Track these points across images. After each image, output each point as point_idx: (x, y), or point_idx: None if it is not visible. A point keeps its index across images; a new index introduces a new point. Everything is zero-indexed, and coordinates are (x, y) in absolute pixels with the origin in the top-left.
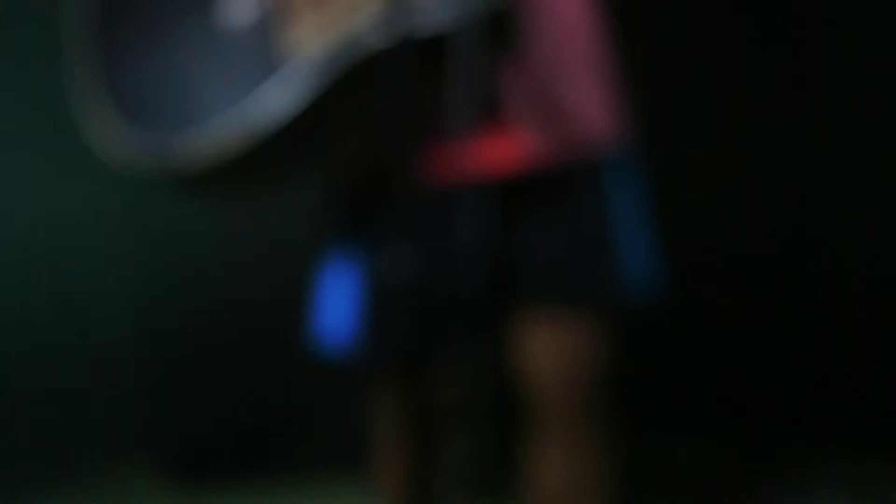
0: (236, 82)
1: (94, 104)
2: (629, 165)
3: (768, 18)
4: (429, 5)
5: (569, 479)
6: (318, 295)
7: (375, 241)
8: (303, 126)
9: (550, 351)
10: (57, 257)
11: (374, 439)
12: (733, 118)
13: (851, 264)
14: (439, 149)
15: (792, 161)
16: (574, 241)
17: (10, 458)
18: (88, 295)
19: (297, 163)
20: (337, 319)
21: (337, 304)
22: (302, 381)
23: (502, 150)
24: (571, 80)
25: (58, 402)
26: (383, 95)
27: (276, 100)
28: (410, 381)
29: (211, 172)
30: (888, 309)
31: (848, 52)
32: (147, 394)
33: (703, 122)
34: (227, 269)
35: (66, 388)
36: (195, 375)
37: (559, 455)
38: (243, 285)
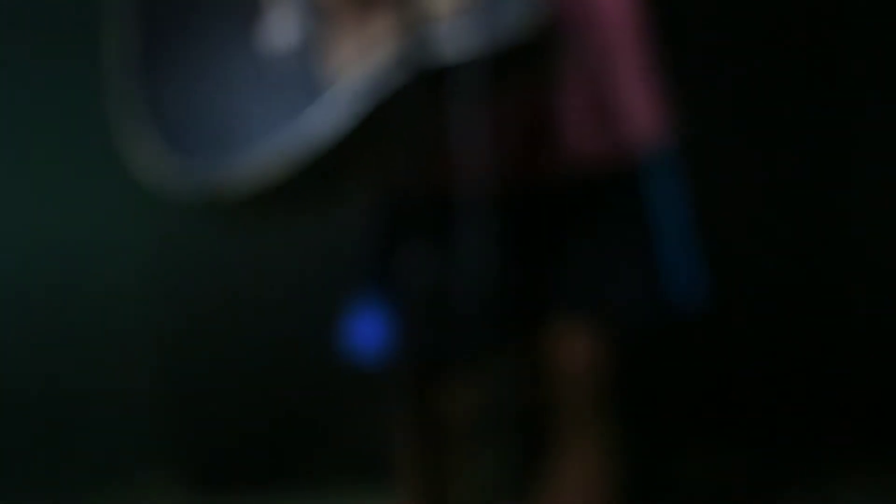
0: (280, 107)
1: (136, 129)
2: (671, 167)
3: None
4: (462, 31)
5: (589, 486)
6: (352, 304)
7: (406, 251)
8: (346, 150)
9: (580, 360)
10: (79, 269)
11: (397, 449)
12: (772, 120)
13: (885, 272)
14: (474, 159)
15: (831, 163)
16: (614, 251)
17: (31, 467)
18: (110, 306)
19: (339, 186)
20: (369, 327)
21: (369, 313)
22: (323, 392)
23: (550, 158)
24: (621, 81)
25: (79, 413)
26: (425, 116)
27: (319, 125)
28: (436, 389)
29: (255, 199)
30: None
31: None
32: (168, 404)
33: (740, 124)
34: (247, 278)
35: (88, 399)
36: (216, 385)
37: (581, 463)
38: (264, 295)
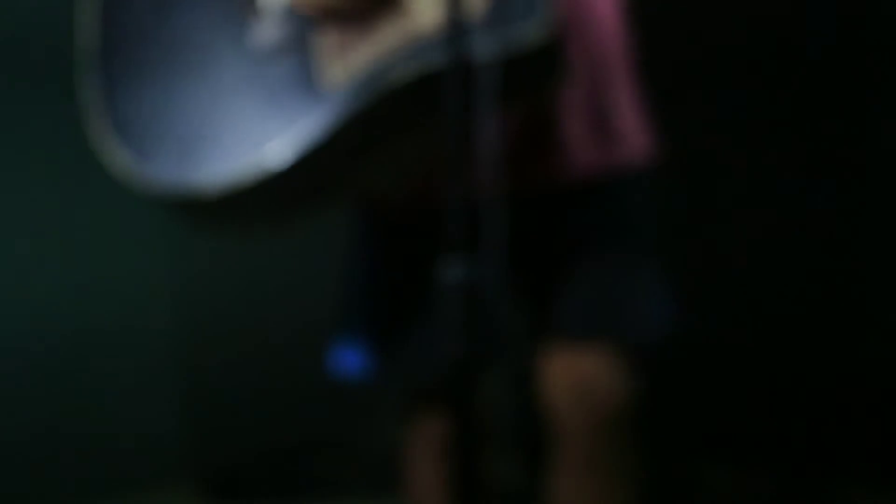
0: (267, 112)
1: (108, 134)
2: (655, 182)
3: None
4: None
5: None
6: (344, 322)
7: (406, 264)
8: (336, 157)
9: (575, 382)
10: (99, 285)
11: (409, 463)
12: (760, 139)
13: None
14: (477, 170)
15: (821, 174)
16: (609, 271)
17: (49, 476)
18: (128, 319)
19: (329, 194)
20: (364, 345)
21: (365, 331)
22: (339, 406)
23: (545, 170)
24: (614, 92)
25: (97, 423)
26: (419, 123)
27: (307, 132)
28: (448, 405)
29: (238, 204)
30: None
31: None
32: (184, 416)
33: (727, 138)
34: (264, 293)
35: (106, 409)
36: (233, 398)
37: (580, 484)
38: (281, 309)
